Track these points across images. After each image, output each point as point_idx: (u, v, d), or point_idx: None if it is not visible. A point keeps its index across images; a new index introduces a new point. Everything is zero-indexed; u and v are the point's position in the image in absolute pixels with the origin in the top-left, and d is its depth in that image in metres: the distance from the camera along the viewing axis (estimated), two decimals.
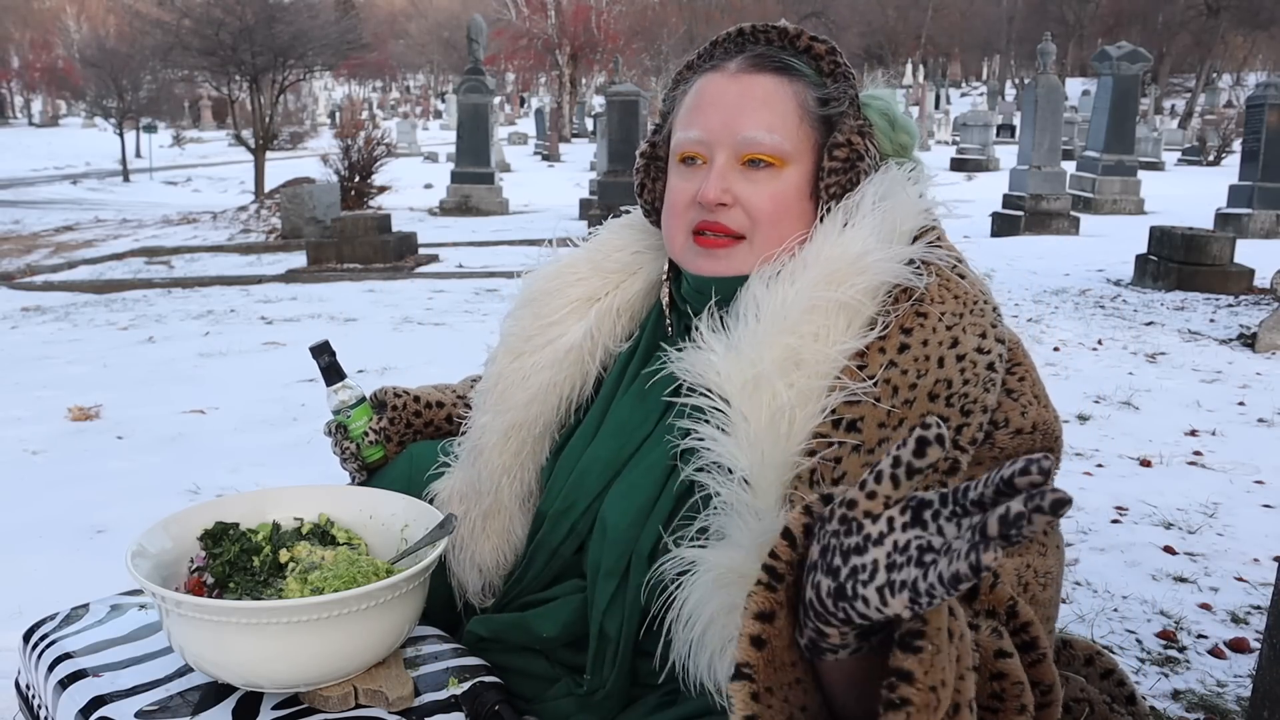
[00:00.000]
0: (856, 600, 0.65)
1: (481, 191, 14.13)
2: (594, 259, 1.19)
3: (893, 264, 0.97)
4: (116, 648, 1.06)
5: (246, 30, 15.30)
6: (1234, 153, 20.16)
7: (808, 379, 0.93)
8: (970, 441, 0.92)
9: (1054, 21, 41.26)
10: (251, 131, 16.08)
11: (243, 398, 4.26)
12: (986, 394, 0.94)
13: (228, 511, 1.13)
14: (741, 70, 1.05)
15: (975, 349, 0.95)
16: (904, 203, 1.02)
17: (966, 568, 0.57)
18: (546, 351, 1.15)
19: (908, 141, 1.11)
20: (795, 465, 0.91)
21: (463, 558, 1.19)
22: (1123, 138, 13.80)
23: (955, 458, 0.92)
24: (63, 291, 8.47)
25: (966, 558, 0.57)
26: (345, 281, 8.34)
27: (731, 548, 0.90)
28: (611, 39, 34.05)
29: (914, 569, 0.62)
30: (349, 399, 1.31)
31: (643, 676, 1.02)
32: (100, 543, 2.70)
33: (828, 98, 1.05)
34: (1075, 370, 4.84)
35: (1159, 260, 7.51)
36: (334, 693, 0.96)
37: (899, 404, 0.92)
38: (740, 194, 1.02)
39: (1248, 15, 38.28)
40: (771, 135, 1.02)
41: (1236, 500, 3.11)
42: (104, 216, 14.99)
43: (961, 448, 0.92)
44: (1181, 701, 1.96)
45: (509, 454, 1.15)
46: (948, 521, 0.62)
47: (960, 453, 0.92)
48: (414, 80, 62.11)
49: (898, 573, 0.63)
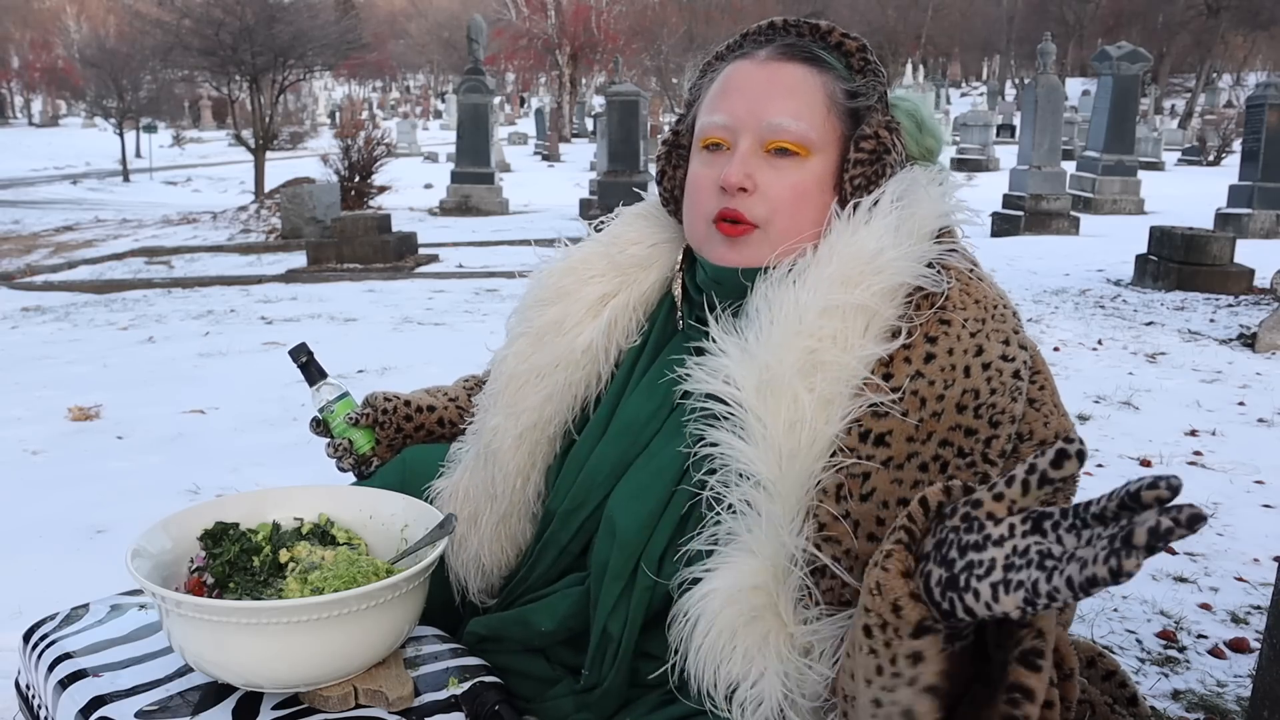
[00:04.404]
0: (967, 593, 0.67)
1: (481, 191, 14.12)
2: (609, 254, 1.16)
3: (909, 264, 0.95)
4: (116, 648, 1.06)
5: (246, 30, 15.29)
6: (1234, 153, 20.16)
7: (829, 384, 0.92)
8: (1000, 454, 0.91)
9: (1054, 21, 41.24)
10: (251, 131, 16.07)
11: (243, 398, 4.26)
12: (1014, 403, 0.92)
13: (228, 511, 1.12)
14: (771, 58, 1.03)
15: (1000, 357, 0.93)
16: (924, 203, 1.00)
17: (1106, 572, 0.58)
18: (562, 352, 1.12)
19: (934, 145, 1.10)
20: (819, 479, 0.90)
21: (464, 558, 1.18)
22: (1123, 138, 13.80)
23: (985, 471, 0.90)
24: (63, 291, 8.47)
25: (1106, 562, 0.58)
26: (345, 281, 8.34)
27: (745, 555, 0.90)
28: (611, 39, 34.02)
29: (1035, 571, 0.63)
30: (331, 396, 1.31)
31: (643, 678, 1.02)
32: (100, 543, 2.70)
33: (856, 91, 1.03)
34: (1075, 370, 4.84)
35: (1159, 260, 7.51)
36: (334, 693, 0.96)
37: (927, 416, 0.91)
38: (762, 181, 1.00)
39: (1248, 15, 38.26)
40: (798, 123, 1.00)
41: (1236, 500, 3.11)
42: (104, 216, 14.99)
43: (991, 461, 0.91)
44: (1181, 701, 1.96)
45: (523, 456, 1.13)
46: (1067, 533, 0.63)
47: (990, 466, 0.91)
48: (414, 80, 62.10)
49: (1015, 573, 0.64)
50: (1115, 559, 0.58)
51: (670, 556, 0.98)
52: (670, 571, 0.97)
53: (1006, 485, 0.68)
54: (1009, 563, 0.65)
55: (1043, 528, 0.65)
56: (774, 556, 0.89)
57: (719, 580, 0.90)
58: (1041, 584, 0.62)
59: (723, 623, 0.89)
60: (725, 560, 0.91)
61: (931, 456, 0.90)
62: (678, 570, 0.96)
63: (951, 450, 0.90)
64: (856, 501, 0.89)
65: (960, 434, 0.90)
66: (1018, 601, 0.64)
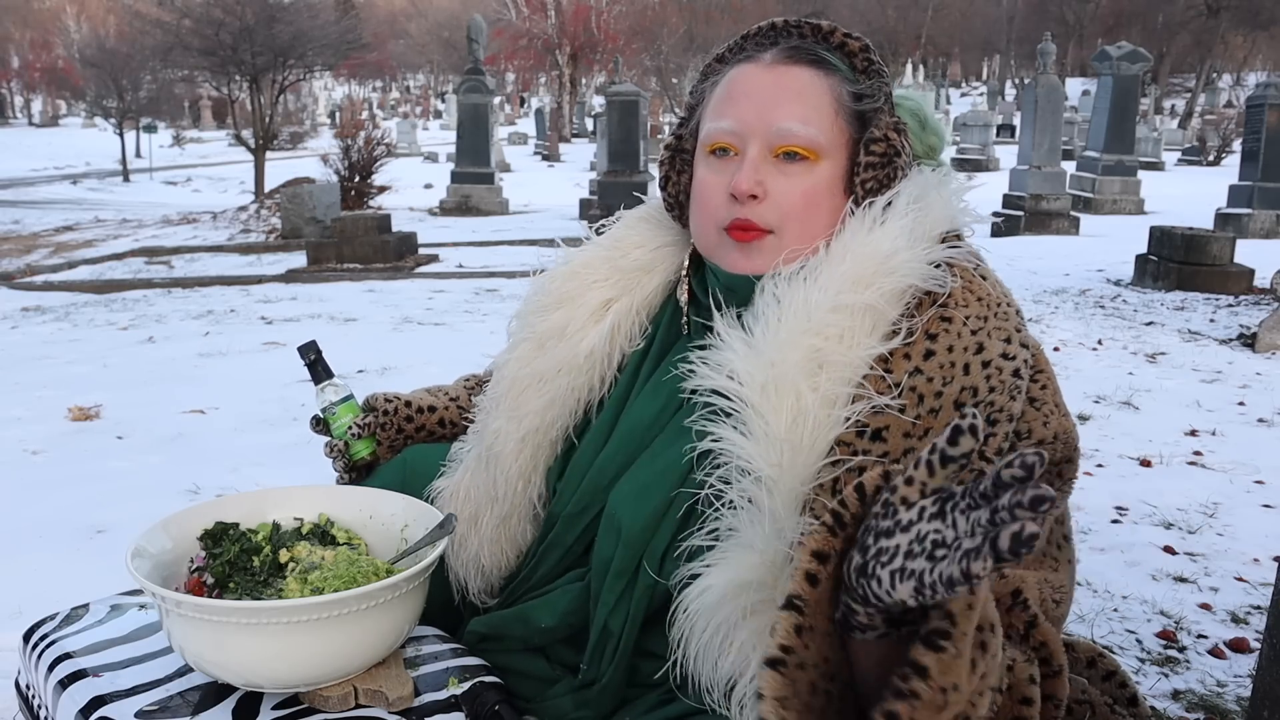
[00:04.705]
0: (873, 580, 0.67)
1: (481, 191, 14.12)
2: (611, 258, 1.16)
3: (920, 265, 0.96)
4: (116, 648, 1.06)
5: (246, 30, 15.29)
6: (1234, 153, 20.16)
7: (831, 383, 0.92)
8: (996, 452, 0.91)
9: (1054, 21, 41.24)
10: (251, 131, 16.07)
11: (243, 398, 4.26)
12: (1012, 402, 0.92)
13: (228, 511, 1.12)
14: (777, 61, 1.03)
15: (1000, 355, 0.93)
16: (937, 206, 1.00)
17: (958, 572, 0.59)
18: (564, 357, 1.12)
19: (936, 144, 1.11)
20: (818, 474, 0.90)
21: (464, 558, 1.18)
22: (1123, 138, 13.80)
23: (980, 469, 0.90)
24: (63, 291, 8.47)
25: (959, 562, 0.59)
26: (345, 281, 8.34)
27: (744, 551, 0.90)
28: (611, 39, 34.02)
29: (924, 561, 0.64)
30: (335, 396, 1.31)
31: (642, 676, 1.02)
32: (100, 543, 2.70)
33: (862, 93, 1.03)
34: (1075, 370, 4.84)
35: (1159, 260, 7.51)
36: (334, 693, 0.96)
37: (925, 413, 0.91)
38: (773, 187, 1.00)
39: (1248, 15, 38.26)
40: (806, 128, 1.00)
41: (1236, 500, 3.11)
42: (104, 216, 14.99)
43: (988, 458, 0.91)
44: (1181, 701, 1.96)
45: (525, 459, 1.13)
46: (960, 515, 0.63)
47: (986, 464, 0.91)
48: (414, 80, 62.10)
49: (911, 561, 0.65)
50: (966, 560, 0.59)
51: (672, 554, 0.98)
52: (671, 569, 0.97)
53: (914, 468, 0.68)
54: (909, 550, 0.65)
55: (944, 510, 0.65)
56: (772, 552, 0.89)
57: (717, 576, 0.90)
58: (927, 575, 0.63)
59: (721, 618, 0.90)
60: (724, 556, 0.91)
61: None
62: (678, 567, 0.96)
63: None
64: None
65: None
66: (910, 591, 0.64)
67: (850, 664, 0.75)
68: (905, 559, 0.65)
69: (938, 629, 0.65)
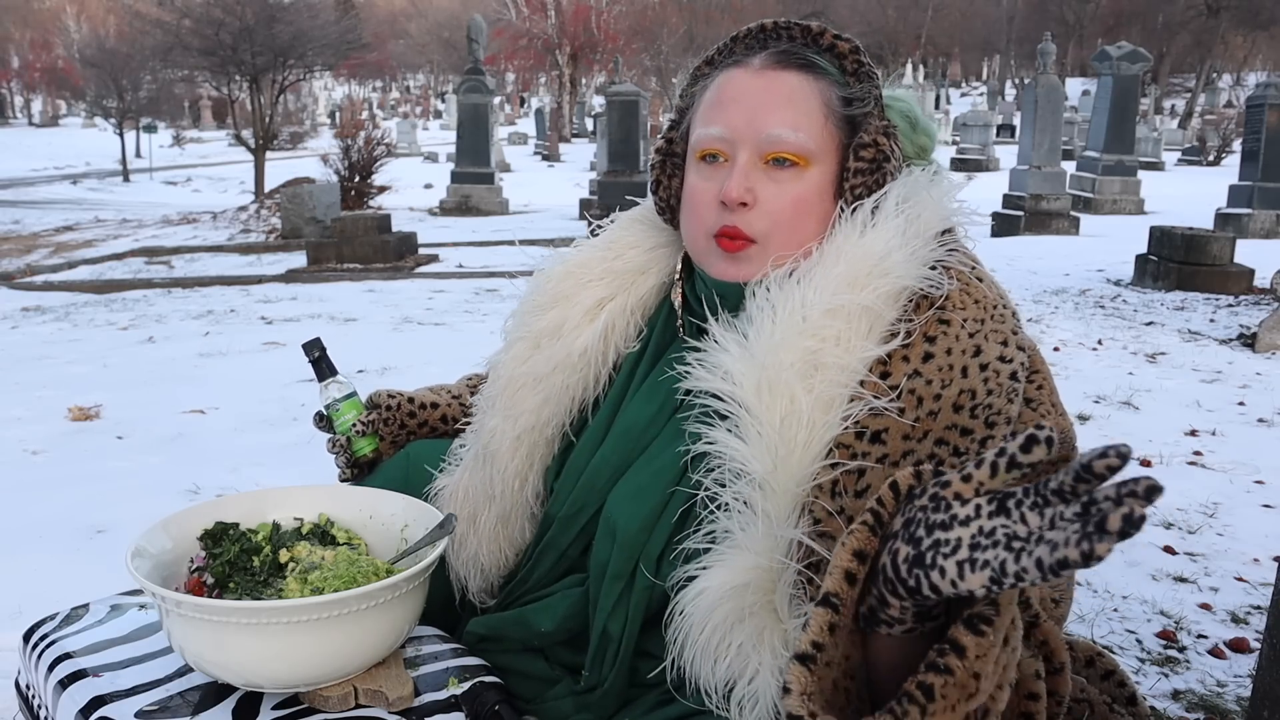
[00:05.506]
0: (934, 570, 0.68)
1: (481, 191, 14.13)
2: (605, 259, 1.16)
3: (915, 266, 0.96)
4: (116, 648, 1.06)
5: (246, 30, 15.30)
6: (1234, 153, 20.17)
7: (827, 385, 0.92)
8: None
9: (1054, 21, 41.23)
10: (251, 131, 16.08)
11: (243, 398, 4.26)
12: (1010, 404, 0.93)
13: (228, 511, 1.13)
14: (766, 66, 1.02)
15: (998, 357, 0.94)
16: (929, 206, 1.00)
17: (1078, 555, 0.59)
18: (559, 356, 1.12)
19: (927, 143, 1.10)
20: (815, 475, 0.90)
21: (464, 557, 1.19)
22: (1123, 138, 13.80)
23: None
24: (63, 291, 8.48)
25: (1078, 546, 0.59)
26: (345, 281, 8.34)
27: (740, 553, 0.90)
28: (611, 39, 34.02)
29: (1002, 552, 0.64)
30: (338, 393, 1.32)
31: (642, 677, 1.02)
32: (100, 543, 2.70)
33: (852, 97, 1.03)
34: (1075, 370, 4.84)
35: (1159, 260, 7.51)
36: (334, 693, 0.96)
37: (923, 415, 0.91)
38: (763, 195, 1.00)
39: (1248, 15, 38.26)
40: (796, 134, 0.99)
41: (1236, 500, 3.11)
42: (104, 216, 14.99)
43: None
44: (1181, 701, 1.96)
45: (521, 458, 1.14)
46: (1030, 511, 0.64)
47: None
48: (414, 80, 62.10)
49: (982, 553, 0.65)
50: (1088, 543, 0.58)
51: (668, 556, 0.98)
52: (668, 571, 0.97)
53: (975, 468, 0.69)
54: (975, 542, 0.66)
55: (1007, 507, 0.66)
56: (769, 554, 0.89)
57: (713, 578, 0.90)
58: (1010, 564, 0.63)
59: (717, 620, 0.90)
60: (720, 558, 0.91)
61: (927, 455, 0.90)
62: (675, 569, 0.96)
63: (947, 449, 0.90)
64: (851, 498, 0.89)
65: (956, 433, 0.90)
66: (984, 580, 0.65)
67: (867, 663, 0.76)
68: (973, 550, 0.66)
69: (981, 614, 0.67)
